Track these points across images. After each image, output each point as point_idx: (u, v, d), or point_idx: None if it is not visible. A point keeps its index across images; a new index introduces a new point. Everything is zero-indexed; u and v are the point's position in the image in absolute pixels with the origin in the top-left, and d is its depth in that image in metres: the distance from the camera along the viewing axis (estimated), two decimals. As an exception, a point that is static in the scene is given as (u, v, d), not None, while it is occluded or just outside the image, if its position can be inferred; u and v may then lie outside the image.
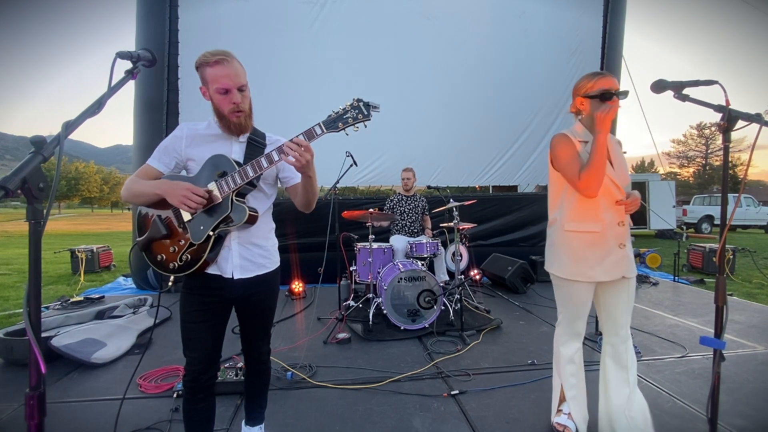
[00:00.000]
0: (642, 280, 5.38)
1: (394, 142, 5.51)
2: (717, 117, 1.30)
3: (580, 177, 1.64)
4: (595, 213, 1.69)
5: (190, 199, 1.35)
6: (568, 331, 1.85)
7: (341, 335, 3.23)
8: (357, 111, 1.39)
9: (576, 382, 1.85)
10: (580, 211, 1.72)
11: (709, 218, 14.58)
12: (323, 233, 3.77)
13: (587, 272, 1.71)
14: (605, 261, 1.69)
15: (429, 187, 4.87)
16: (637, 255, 6.53)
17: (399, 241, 4.19)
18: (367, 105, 1.40)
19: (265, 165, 1.40)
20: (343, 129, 1.40)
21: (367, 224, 3.79)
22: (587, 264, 1.70)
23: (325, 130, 1.40)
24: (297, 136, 1.38)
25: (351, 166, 3.84)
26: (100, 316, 3.50)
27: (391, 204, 4.49)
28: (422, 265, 3.66)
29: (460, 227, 3.90)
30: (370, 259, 3.78)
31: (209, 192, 1.40)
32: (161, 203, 1.45)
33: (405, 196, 4.50)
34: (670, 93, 1.42)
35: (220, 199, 1.41)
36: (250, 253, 1.53)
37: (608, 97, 1.64)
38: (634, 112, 6.62)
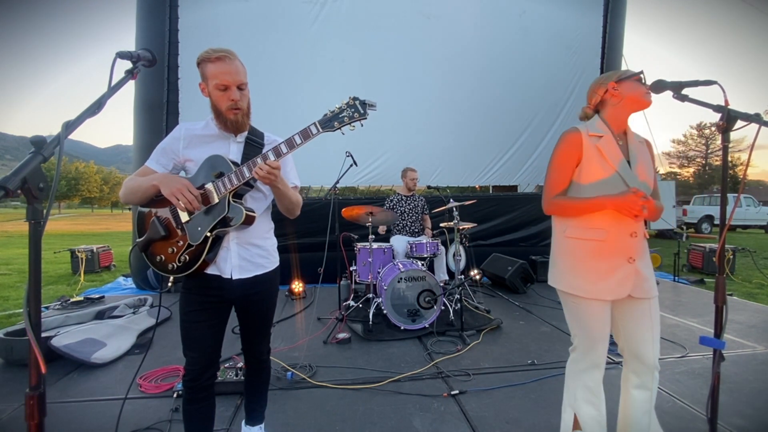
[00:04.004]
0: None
1: (394, 142, 5.52)
2: (717, 117, 1.30)
3: (552, 201, 1.54)
4: (602, 218, 1.47)
5: (183, 194, 1.33)
6: (585, 358, 1.56)
7: (341, 335, 3.23)
8: (353, 110, 1.39)
9: (596, 414, 1.57)
10: (585, 215, 1.51)
11: (709, 218, 14.58)
12: (323, 233, 3.77)
13: (586, 287, 1.49)
14: (610, 277, 1.46)
15: (429, 187, 4.87)
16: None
17: (399, 241, 4.19)
18: (363, 103, 1.40)
19: None
20: (340, 128, 1.40)
21: (367, 224, 3.79)
22: (589, 278, 1.48)
23: (321, 130, 1.40)
24: (293, 136, 1.39)
25: (351, 166, 3.84)
26: (100, 316, 3.50)
27: (391, 204, 4.48)
28: (422, 265, 3.66)
29: (460, 227, 3.90)
30: (370, 259, 3.77)
31: (204, 192, 1.40)
32: (159, 201, 1.45)
33: (405, 196, 4.50)
34: (669, 93, 1.42)
35: (217, 200, 1.41)
36: (248, 254, 1.53)
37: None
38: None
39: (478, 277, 5.02)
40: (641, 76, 1.52)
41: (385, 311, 3.38)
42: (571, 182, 1.56)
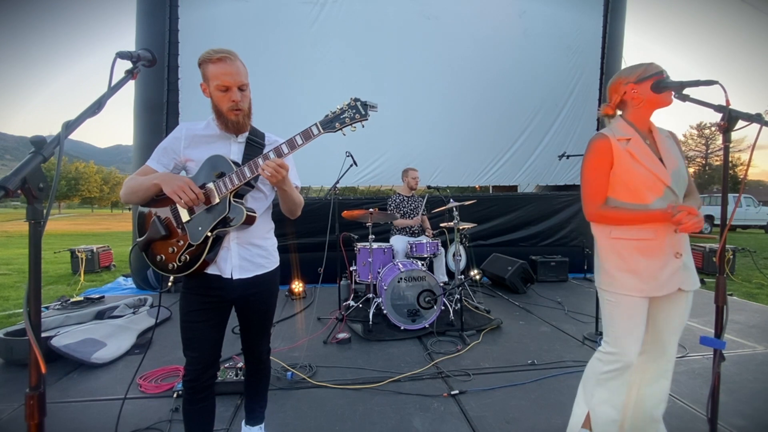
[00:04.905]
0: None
1: (394, 142, 5.51)
2: (717, 117, 1.30)
3: (599, 211, 1.51)
4: None
5: (185, 191, 1.33)
6: (618, 359, 1.54)
7: (341, 335, 3.23)
8: (354, 111, 1.39)
9: (615, 415, 1.57)
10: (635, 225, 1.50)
11: (709, 218, 14.57)
12: (323, 233, 3.77)
13: (639, 286, 1.48)
14: (661, 273, 1.47)
15: (429, 187, 4.87)
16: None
17: (399, 242, 4.19)
18: (365, 104, 1.40)
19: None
20: (341, 129, 1.40)
21: (367, 224, 3.79)
22: (640, 277, 1.48)
23: (322, 131, 1.40)
24: (294, 137, 1.39)
25: (351, 166, 3.84)
26: (100, 316, 3.50)
27: (393, 205, 4.48)
28: (422, 265, 3.66)
29: (460, 227, 3.90)
30: (370, 259, 3.77)
31: (205, 191, 1.40)
32: (159, 201, 1.45)
33: (406, 196, 4.50)
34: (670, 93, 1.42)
35: (218, 200, 1.41)
36: (249, 254, 1.53)
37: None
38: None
39: (478, 277, 5.02)
40: (663, 75, 1.46)
41: (385, 311, 3.38)
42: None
